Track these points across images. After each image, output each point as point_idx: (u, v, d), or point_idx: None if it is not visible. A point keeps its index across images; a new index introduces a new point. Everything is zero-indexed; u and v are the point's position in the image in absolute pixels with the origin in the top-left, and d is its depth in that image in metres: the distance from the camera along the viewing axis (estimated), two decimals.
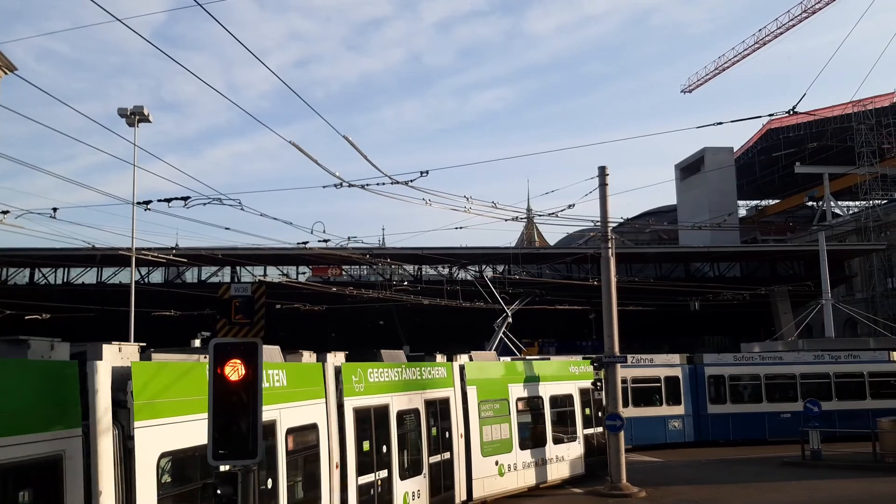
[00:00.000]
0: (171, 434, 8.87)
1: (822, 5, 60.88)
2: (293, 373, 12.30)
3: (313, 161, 12.04)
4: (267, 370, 11.13)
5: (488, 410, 19.12)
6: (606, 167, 21.74)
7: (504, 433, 19.52)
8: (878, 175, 60.11)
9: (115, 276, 48.58)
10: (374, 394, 14.88)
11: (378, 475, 14.50)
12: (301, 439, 12.21)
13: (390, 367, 15.99)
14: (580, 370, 23.06)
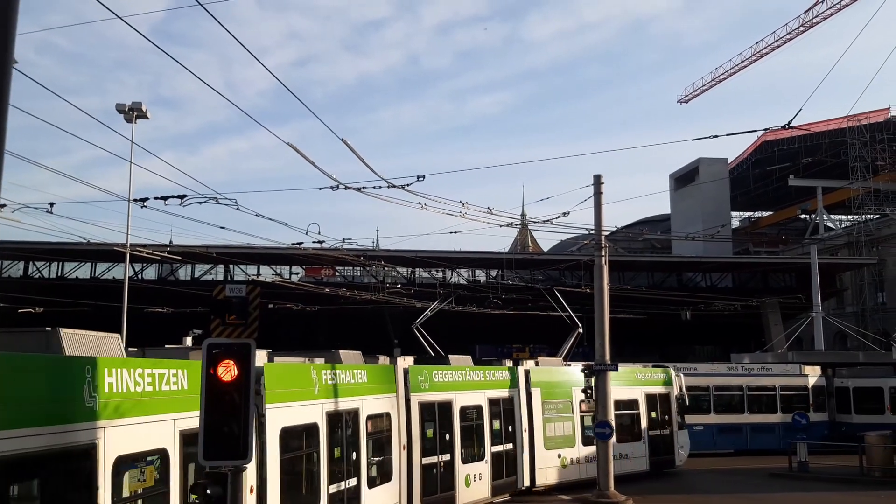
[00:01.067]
0: (286, 414, 11.87)
1: (819, 20, 61.25)
2: (371, 372, 15.46)
3: (310, 163, 12.11)
4: (352, 370, 14.78)
5: (552, 409, 21.79)
6: (601, 175, 21.83)
7: (567, 430, 22.07)
8: (871, 190, 60.46)
9: (108, 272, 48.53)
10: (438, 391, 17.79)
11: (441, 458, 17.52)
12: (377, 424, 15.36)
13: (454, 370, 18.93)
14: (647, 377, 25.43)
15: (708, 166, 72.10)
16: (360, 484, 14.34)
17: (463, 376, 18.96)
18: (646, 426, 24.48)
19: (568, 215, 20.22)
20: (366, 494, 14.47)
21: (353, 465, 14.20)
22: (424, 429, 17.14)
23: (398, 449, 16.07)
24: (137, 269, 47.15)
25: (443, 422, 17.76)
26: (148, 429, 8.48)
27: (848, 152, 60.81)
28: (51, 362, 7.52)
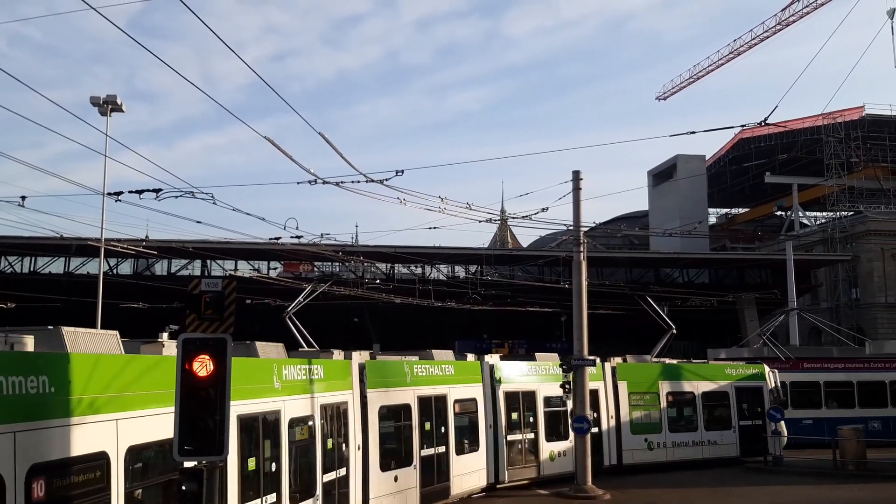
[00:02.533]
0: (383, 396, 16.45)
1: (796, 18, 61.89)
2: (459, 367, 19.92)
3: (288, 157, 11.99)
4: (441, 364, 19.31)
5: (638, 400, 25.04)
6: (580, 172, 21.87)
7: (654, 418, 25.23)
8: (846, 187, 61.18)
9: (83, 266, 47.88)
10: (522, 382, 21.86)
11: (525, 435, 21.57)
12: (464, 406, 19.55)
13: (537, 365, 22.79)
14: (738, 372, 27.86)
15: (685, 163, 72.61)
16: (448, 451, 18.73)
17: (547, 370, 22.79)
18: (736, 417, 26.79)
19: (547, 211, 20.25)
20: (454, 459, 18.91)
21: (442, 437, 18.58)
22: (509, 412, 21.23)
23: (485, 426, 20.28)
24: (112, 264, 46.58)
25: (527, 407, 21.81)
26: (304, 402, 13.50)
27: (823, 150, 61.50)
28: (260, 362, 12.72)
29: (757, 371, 28.12)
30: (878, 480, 22.75)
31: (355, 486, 15.04)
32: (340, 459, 14.76)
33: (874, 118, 62.99)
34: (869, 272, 56.76)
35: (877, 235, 56.86)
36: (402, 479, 16.68)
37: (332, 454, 14.37)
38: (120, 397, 8.47)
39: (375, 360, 17.08)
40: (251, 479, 11.37)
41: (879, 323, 55.17)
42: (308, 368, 14.05)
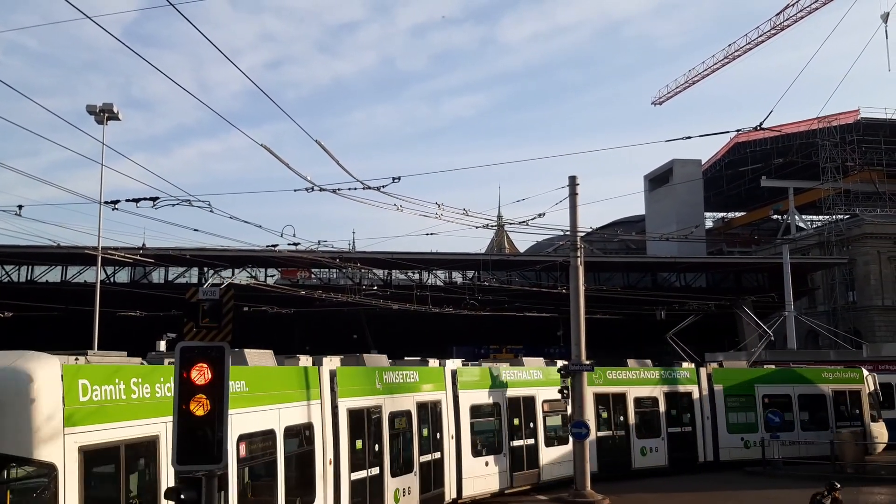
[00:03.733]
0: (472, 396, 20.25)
1: (790, 23, 62.12)
2: (547, 371, 22.94)
3: (285, 164, 12.02)
4: (529, 370, 22.65)
5: (734, 401, 26.91)
6: (577, 177, 21.92)
7: (750, 419, 26.90)
8: (842, 190, 61.33)
9: (80, 275, 47.81)
10: (614, 385, 24.59)
11: (616, 433, 24.43)
12: (553, 406, 22.50)
13: (628, 370, 25.40)
14: (835, 376, 29.12)
15: (682, 167, 72.75)
16: (537, 443, 21.97)
17: (637, 375, 25.32)
18: (833, 418, 28.07)
19: (544, 216, 20.29)
20: (543, 450, 22.02)
21: (531, 431, 21.78)
22: (599, 412, 23.93)
23: None
24: (109, 273, 46.53)
25: (619, 408, 24.46)
26: (401, 400, 17.22)
27: (819, 153, 61.66)
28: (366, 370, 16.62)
29: (855, 374, 29.33)
30: (878, 483, 22.78)
31: (449, 466, 19.09)
32: (435, 445, 18.61)
33: (869, 121, 63.20)
34: (865, 275, 56.86)
35: (873, 238, 56.99)
36: (493, 464, 20.49)
37: (427, 441, 18.19)
38: (279, 394, 13.22)
39: (466, 367, 20.84)
40: (358, 456, 15.41)
41: (876, 325, 55.25)
42: (405, 374, 18.04)
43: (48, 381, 8.29)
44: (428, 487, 17.87)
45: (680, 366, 27.00)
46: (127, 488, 9.19)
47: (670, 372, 26.26)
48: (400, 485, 16.75)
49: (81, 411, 8.62)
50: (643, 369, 25.67)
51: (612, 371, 24.90)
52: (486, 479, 20.16)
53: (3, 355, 8.66)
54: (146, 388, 9.80)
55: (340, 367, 15.47)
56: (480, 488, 19.95)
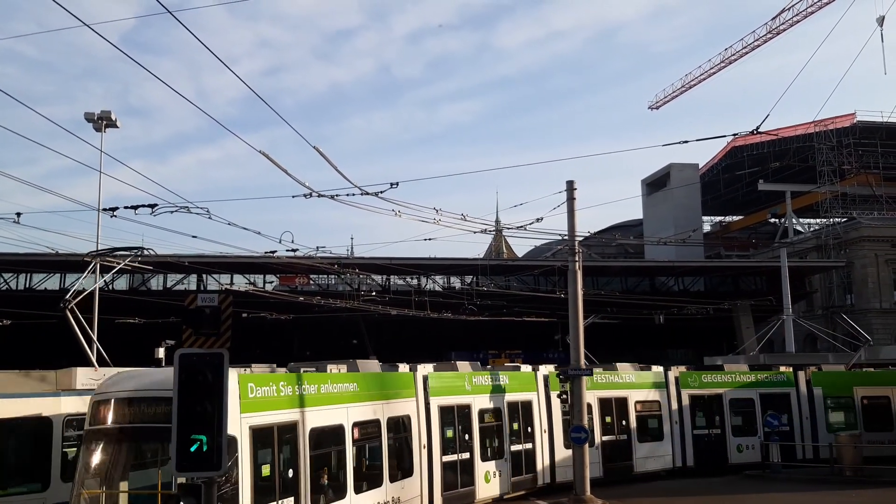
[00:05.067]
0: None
1: (786, 27, 62.24)
2: (640, 376, 25.54)
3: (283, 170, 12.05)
4: (621, 374, 25.05)
5: (833, 403, 28.16)
6: (574, 181, 21.92)
7: (850, 419, 28.03)
8: (839, 194, 61.38)
9: (78, 282, 47.73)
10: (707, 388, 26.72)
11: (712, 431, 26.32)
12: (645, 406, 25.03)
13: (724, 374, 27.57)
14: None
15: (679, 171, 72.82)
16: (630, 438, 24.35)
17: (733, 378, 27.30)
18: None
19: (541, 221, 20.31)
20: (636, 445, 24.43)
21: (624, 428, 24.37)
22: (694, 412, 25.98)
23: (669, 422, 25.38)
24: (108, 280, 46.50)
25: (713, 408, 26.42)
26: (490, 398, 20.32)
27: (815, 157, 61.76)
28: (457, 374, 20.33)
29: None
30: (876, 486, 22.79)
31: (542, 456, 22.16)
32: (527, 437, 21.86)
33: (865, 125, 63.30)
34: (863, 278, 56.91)
35: (870, 241, 57.04)
36: None
37: (518, 433, 21.45)
38: (382, 393, 17.19)
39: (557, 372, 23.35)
40: (448, 444, 19.08)
41: (875, 328, 55.21)
42: (493, 377, 21.36)
43: (231, 384, 11.99)
44: (519, 472, 21.38)
45: (777, 369, 28.72)
46: (278, 453, 13.39)
47: (768, 375, 27.99)
48: (490, 468, 20.42)
49: (250, 403, 12.77)
50: (738, 373, 27.81)
51: (708, 375, 27.31)
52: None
53: None
54: (289, 389, 14.06)
55: (432, 372, 19.56)
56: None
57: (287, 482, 13.36)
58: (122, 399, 11.98)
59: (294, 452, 13.77)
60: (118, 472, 11.90)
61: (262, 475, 12.74)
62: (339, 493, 14.91)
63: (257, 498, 12.31)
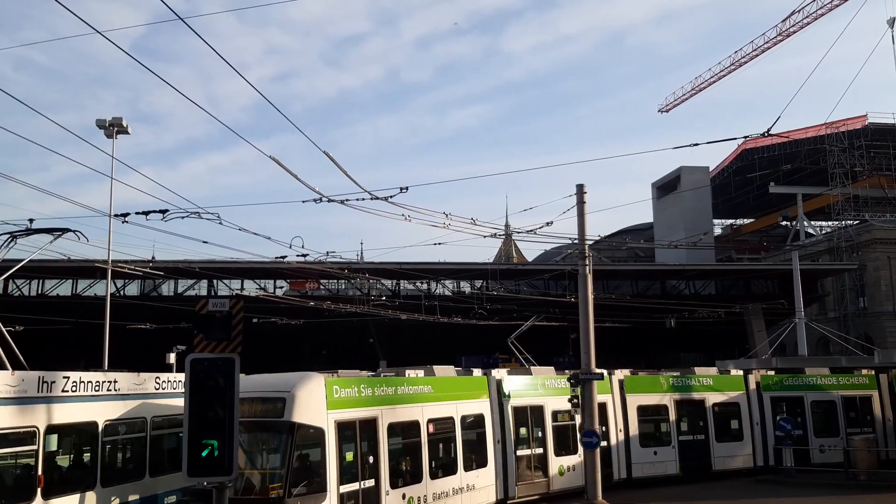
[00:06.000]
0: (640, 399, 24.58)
1: (797, 29, 62.03)
2: (718, 379, 26.50)
3: (293, 176, 12.08)
4: (700, 377, 26.17)
5: None
6: (584, 185, 21.81)
7: None
8: (851, 196, 61.01)
9: (90, 289, 48.00)
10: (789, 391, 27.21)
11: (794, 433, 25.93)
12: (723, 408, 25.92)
13: (806, 377, 27.80)
14: None
15: (689, 175, 72.56)
16: (708, 439, 25.30)
17: (814, 381, 27.62)
18: None
19: (551, 225, 20.24)
20: (714, 445, 25.32)
21: (702, 429, 25.28)
22: (776, 413, 26.38)
23: (749, 424, 26.08)
24: (119, 286, 46.72)
25: (795, 410, 26.76)
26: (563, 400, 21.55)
27: (827, 159, 61.42)
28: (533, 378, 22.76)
29: None
30: (891, 491, 22.58)
31: (617, 453, 23.75)
32: (601, 435, 21.90)
33: (877, 127, 62.93)
34: (876, 281, 56.52)
35: (883, 244, 56.65)
36: (661, 454, 24.55)
37: None
38: (456, 394, 19.51)
39: (635, 376, 25.54)
40: (522, 439, 21.29)
41: (888, 331, 54.84)
42: (566, 381, 22.11)
43: (318, 386, 15.10)
44: None
45: (852, 372, 28.79)
46: (360, 442, 15.72)
47: (849, 378, 28.22)
48: (563, 462, 22.21)
49: (335, 402, 15.28)
50: (820, 376, 28.00)
51: (790, 378, 27.88)
52: (655, 466, 24.38)
53: (293, 375, 15.61)
54: (368, 390, 16.63)
55: (506, 376, 21.63)
56: (648, 472, 24.00)
57: (368, 466, 15.81)
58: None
59: (374, 442, 16.18)
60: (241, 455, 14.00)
61: (346, 460, 15.26)
62: (416, 478, 17.47)
63: (342, 478, 14.91)
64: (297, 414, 14.49)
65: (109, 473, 13.96)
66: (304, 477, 14.43)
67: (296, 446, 14.36)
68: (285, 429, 14.40)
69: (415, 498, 17.15)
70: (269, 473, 14.51)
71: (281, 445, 14.50)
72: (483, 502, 19.75)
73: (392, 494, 16.29)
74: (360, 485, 15.34)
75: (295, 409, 14.49)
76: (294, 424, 14.39)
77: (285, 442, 14.38)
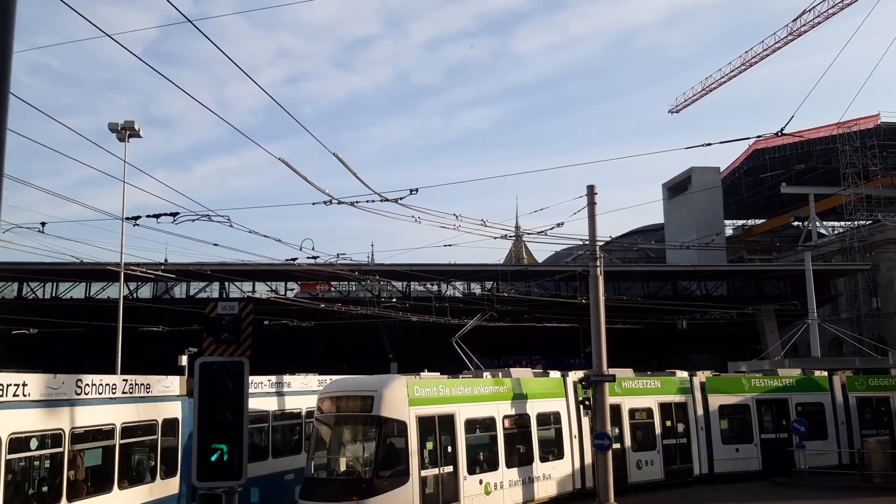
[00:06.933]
0: (721, 399, 25.93)
1: (807, 28, 61.59)
2: (802, 380, 27.65)
3: (302, 178, 12.07)
4: (783, 378, 27.49)
5: None
6: (595, 186, 21.74)
7: None
8: (863, 196, 60.57)
9: (103, 291, 48.25)
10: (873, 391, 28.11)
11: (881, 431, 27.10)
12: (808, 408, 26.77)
13: (885, 378, 28.79)
14: None
15: (700, 175, 72.23)
16: (790, 438, 25.61)
17: (894, 383, 28.44)
18: None
19: (562, 226, 20.16)
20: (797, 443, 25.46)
21: (785, 427, 26.09)
22: (861, 414, 27.45)
23: (835, 423, 27.05)
24: (132, 289, 46.93)
25: (881, 410, 27.54)
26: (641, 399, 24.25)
27: (839, 159, 60.99)
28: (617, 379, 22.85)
29: None
30: None
31: (698, 450, 24.99)
32: (679, 433, 24.73)
33: (890, 126, 62.45)
34: (889, 281, 56.05)
35: None
36: (744, 452, 25.71)
37: (671, 429, 24.51)
38: (532, 393, 21.43)
39: (716, 377, 27.11)
40: None
41: None
42: (645, 382, 24.79)
43: (401, 386, 17.68)
44: (672, 462, 24.38)
45: None
46: (439, 434, 18.01)
47: None
48: (641, 457, 23.70)
49: (415, 399, 17.74)
50: (891, 378, 28.96)
51: (875, 379, 28.72)
52: (737, 462, 25.56)
53: (380, 376, 19.00)
54: (446, 390, 19.05)
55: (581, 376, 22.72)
56: (730, 468, 25.20)
57: (446, 455, 18.15)
58: (332, 397, 18.06)
59: (452, 435, 18.53)
60: (335, 444, 17.90)
61: (426, 449, 17.69)
62: (493, 467, 19.56)
63: (423, 464, 17.37)
64: (384, 409, 17.09)
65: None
66: (389, 462, 16.99)
67: (382, 436, 16.94)
68: (374, 422, 17.07)
69: (491, 483, 19.26)
70: (360, 459, 17.34)
71: (370, 435, 17.22)
72: (560, 491, 21.27)
73: (469, 480, 18.53)
74: (440, 470, 17.76)
75: (382, 405, 17.10)
76: (381, 418, 17.01)
77: (374, 433, 17.07)
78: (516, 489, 20.08)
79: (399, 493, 16.68)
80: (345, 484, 16.93)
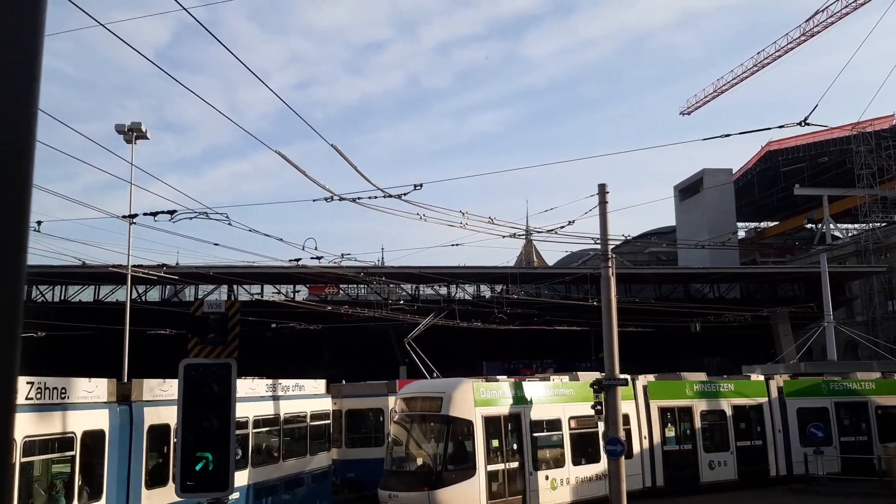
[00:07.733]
0: (800, 402, 25.98)
1: (820, 29, 60.91)
2: (881, 384, 27.57)
3: (301, 172, 11.71)
4: (863, 382, 27.39)
5: None
6: (606, 185, 21.28)
7: None
8: (878, 197, 59.80)
9: (112, 294, 48.10)
10: None
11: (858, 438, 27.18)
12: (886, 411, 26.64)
13: None
14: None
15: (712, 177, 71.55)
16: (871, 440, 25.91)
17: None
18: None
19: (573, 224, 19.70)
20: (878, 446, 25.40)
21: (865, 430, 26.23)
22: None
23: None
24: (141, 291, 46.74)
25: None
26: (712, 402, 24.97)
27: (853, 160, 60.23)
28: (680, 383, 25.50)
29: None
30: None
31: (774, 452, 25.38)
32: (755, 435, 25.27)
33: None
34: None
35: None
36: (825, 453, 25.41)
37: (745, 431, 25.08)
38: (566, 395, 22.42)
39: (794, 380, 27.30)
40: (668, 437, 23.81)
41: None
42: (716, 384, 25.71)
43: (468, 388, 19.69)
44: (746, 463, 24.85)
45: None
46: (504, 433, 19.76)
47: None
48: (714, 458, 24.42)
49: (481, 400, 19.67)
50: None
51: None
52: (815, 463, 25.39)
53: (449, 380, 21.33)
54: (511, 392, 20.78)
55: (652, 381, 24.51)
56: (812, 469, 25.18)
57: (512, 452, 19.88)
58: (406, 398, 20.32)
59: (518, 433, 20.30)
60: (409, 441, 19.99)
61: (492, 446, 19.45)
62: (559, 464, 21.07)
63: (489, 459, 19.20)
64: (452, 409, 18.99)
65: None
66: (457, 457, 18.89)
67: (451, 434, 18.83)
68: (443, 421, 18.95)
69: (557, 479, 20.73)
70: (431, 454, 19.18)
71: (440, 433, 19.09)
72: (628, 489, 20.91)
73: (535, 475, 20.11)
74: (505, 465, 19.55)
75: (451, 406, 19.03)
76: (449, 417, 18.90)
77: (443, 431, 18.95)
78: (583, 486, 21.29)
79: (466, 486, 18.50)
80: (417, 476, 18.86)
